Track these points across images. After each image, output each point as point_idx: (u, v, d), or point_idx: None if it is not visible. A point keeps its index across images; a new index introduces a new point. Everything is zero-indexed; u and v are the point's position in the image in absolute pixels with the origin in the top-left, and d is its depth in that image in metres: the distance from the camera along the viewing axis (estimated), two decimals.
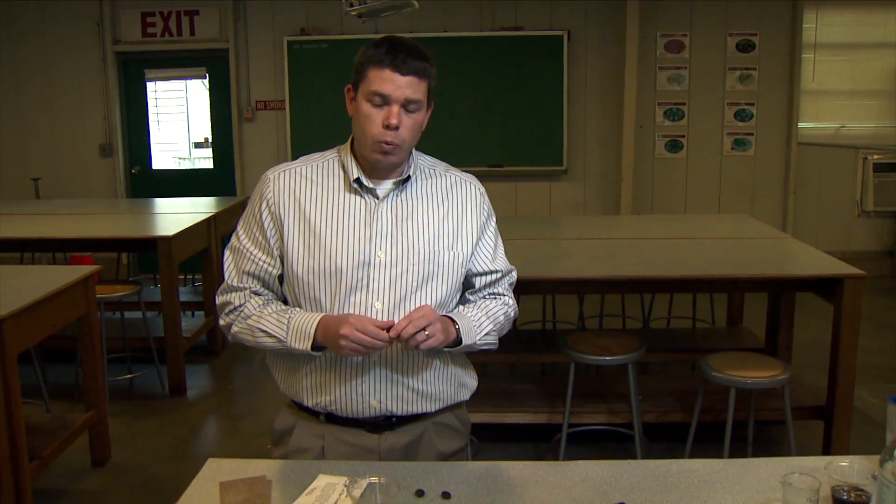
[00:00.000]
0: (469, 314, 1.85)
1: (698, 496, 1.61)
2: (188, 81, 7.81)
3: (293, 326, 1.76)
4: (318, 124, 7.33)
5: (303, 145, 7.32)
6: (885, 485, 1.33)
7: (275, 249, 1.83)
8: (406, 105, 1.74)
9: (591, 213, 7.53)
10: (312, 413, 1.89)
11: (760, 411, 3.76)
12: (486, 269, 1.92)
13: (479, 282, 1.93)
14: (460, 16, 7.25)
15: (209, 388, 5.04)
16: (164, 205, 6.07)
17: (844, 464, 1.59)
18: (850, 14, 7.41)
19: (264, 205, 1.84)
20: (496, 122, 7.32)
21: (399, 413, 1.84)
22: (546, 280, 3.66)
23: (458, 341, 1.78)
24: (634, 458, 3.52)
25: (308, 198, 1.82)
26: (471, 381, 1.99)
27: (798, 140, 7.46)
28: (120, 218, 5.75)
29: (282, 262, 1.85)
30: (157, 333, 4.96)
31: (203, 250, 5.31)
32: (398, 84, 1.72)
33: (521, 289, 3.82)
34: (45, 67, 7.53)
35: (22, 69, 7.55)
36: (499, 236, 1.98)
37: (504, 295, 1.97)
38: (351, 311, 1.76)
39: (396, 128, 1.73)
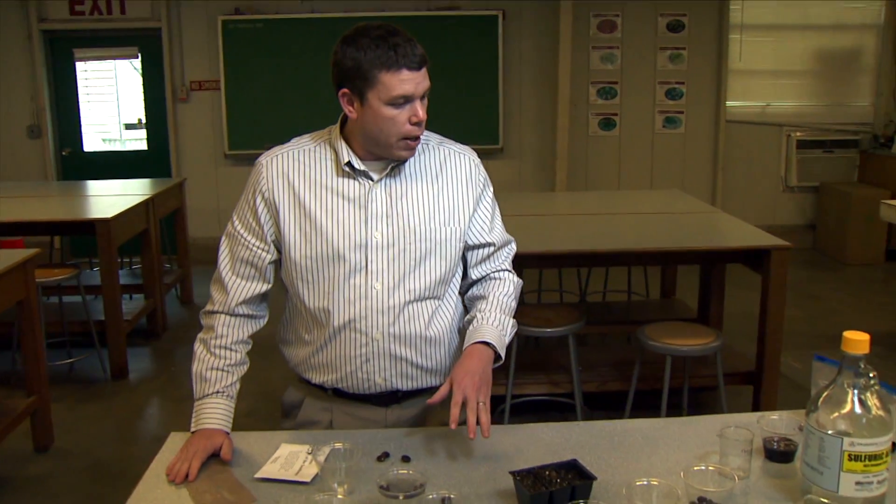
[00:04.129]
0: (491, 321, 1.85)
1: (643, 452, 1.72)
2: (118, 61, 7.65)
3: (197, 408, 1.82)
4: (255, 104, 7.27)
5: (239, 126, 7.27)
6: (811, 432, 1.44)
7: (268, 236, 1.84)
8: (423, 94, 1.75)
9: (527, 190, 7.64)
10: (320, 388, 1.92)
11: (694, 378, 3.93)
12: (483, 241, 1.92)
13: (477, 255, 1.94)
14: None
15: (151, 371, 5.02)
16: (98, 187, 5.97)
17: (774, 417, 1.71)
18: None
19: (258, 191, 1.83)
20: (432, 100, 7.11)
21: (404, 388, 1.88)
22: None
23: (498, 357, 1.82)
24: None
25: (301, 183, 1.81)
26: None
27: (726, 118, 7.71)
28: (52, 201, 5.65)
29: (277, 248, 1.86)
30: (96, 317, 4.90)
31: (142, 232, 5.25)
32: (417, 81, 1.70)
33: None
34: None
35: None
36: (496, 207, 1.98)
37: (506, 270, 1.98)
38: (351, 293, 1.79)
39: (424, 119, 1.74)
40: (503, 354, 1.83)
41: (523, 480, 1.49)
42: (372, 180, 1.81)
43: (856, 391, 1.41)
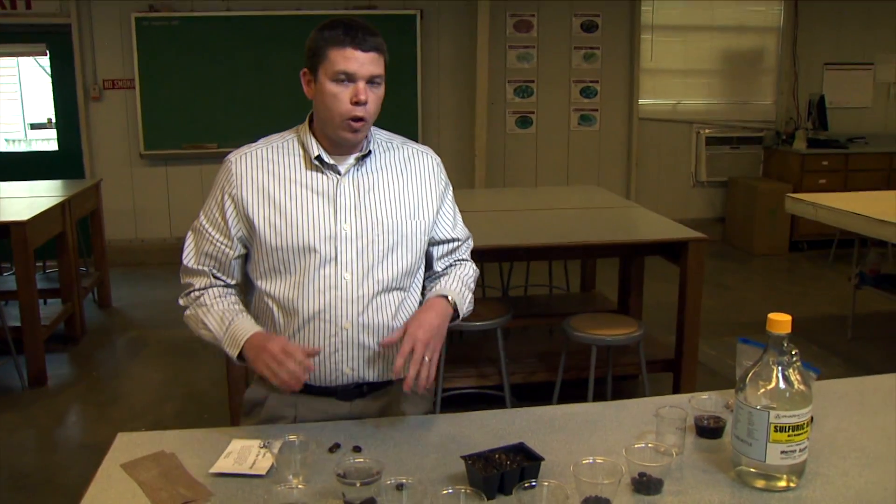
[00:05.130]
0: (452, 286, 1.96)
1: (584, 434, 1.80)
2: (22, 59, 7.39)
3: (230, 331, 1.82)
4: (170, 103, 7.13)
5: (155, 124, 7.12)
6: (740, 407, 1.55)
7: (233, 233, 1.87)
8: (370, 80, 1.80)
9: None
10: None
11: (617, 367, 4.06)
12: (448, 237, 2.03)
13: (441, 249, 2.04)
14: None
15: (72, 377, 4.89)
16: (6, 189, 5.75)
17: (704, 397, 1.82)
18: None
19: (226, 189, 1.87)
20: None
21: (371, 380, 1.92)
22: None
23: (456, 315, 1.91)
24: None
25: (270, 178, 1.86)
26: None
27: (639, 115, 7.95)
28: None
29: (243, 245, 1.90)
30: (11, 323, 4.75)
31: (58, 235, 5.11)
32: (361, 61, 1.78)
33: None
34: None
35: None
36: (456, 206, 2.08)
37: (467, 261, 2.10)
38: (321, 284, 1.83)
39: (365, 103, 1.79)
40: (461, 312, 1.93)
41: (475, 464, 1.56)
42: (339, 174, 1.87)
43: (780, 368, 1.53)
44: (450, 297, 1.90)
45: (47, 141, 7.51)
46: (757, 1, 8.04)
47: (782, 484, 1.54)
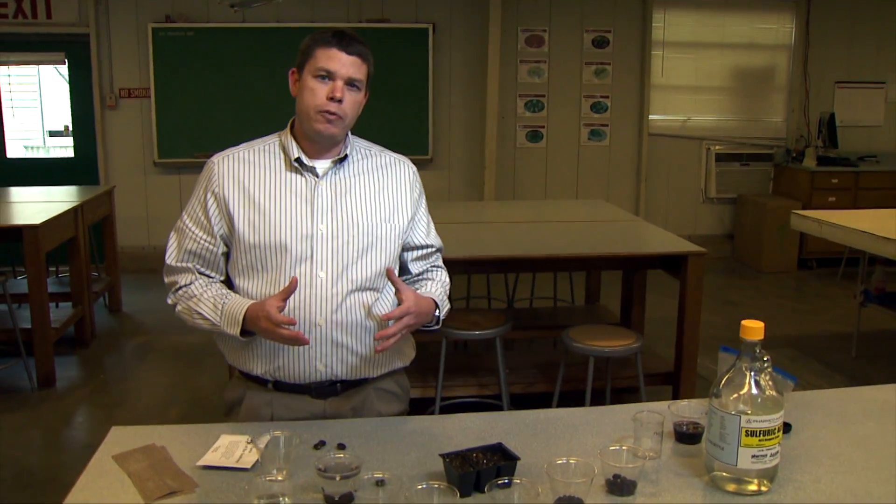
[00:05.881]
0: (436, 292, 2.05)
1: (563, 437, 1.84)
2: (42, 67, 7.53)
3: (226, 312, 1.89)
4: (185, 113, 7.24)
5: (169, 134, 7.23)
6: (714, 412, 1.59)
7: (216, 229, 1.95)
8: (349, 82, 1.89)
9: (455, 200, 7.79)
10: (260, 382, 2.01)
11: (616, 379, 4.09)
12: (422, 243, 2.12)
13: (415, 254, 2.12)
14: (328, 7, 7.33)
15: (79, 379, 4.96)
16: (22, 194, 5.87)
17: (683, 403, 1.86)
18: (693, 16, 7.98)
19: (209, 188, 1.96)
20: (363, 111, 7.39)
21: (343, 377, 1.98)
22: None
23: (437, 318, 1.99)
24: None
25: (251, 179, 1.95)
26: (410, 349, 2.16)
27: (648, 131, 7.99)
28: None
29: (225, 243, 1.97)
30: (22, 325, 4.83)
31: (70, 240, 5.20)
32: (343, 62, 1.88)
33: None
34: None
35: None
36: (430, 215, 2.17)
37: (442, 268, 2.19)
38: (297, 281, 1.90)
39: (340, 100, 1.88)
40: (442, 317, 2.03)
41: (452, 462, 1.60)
42: (317, 176, 1.95)
43: (752, 374, 1.56)
44: (437, 300, 1.99)
45: (64, 148, 7.63)
46: (768, 18, 8.08)
47: (753, 488, 1.57)
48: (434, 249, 2.16)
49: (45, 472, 3.78)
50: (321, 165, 1.97)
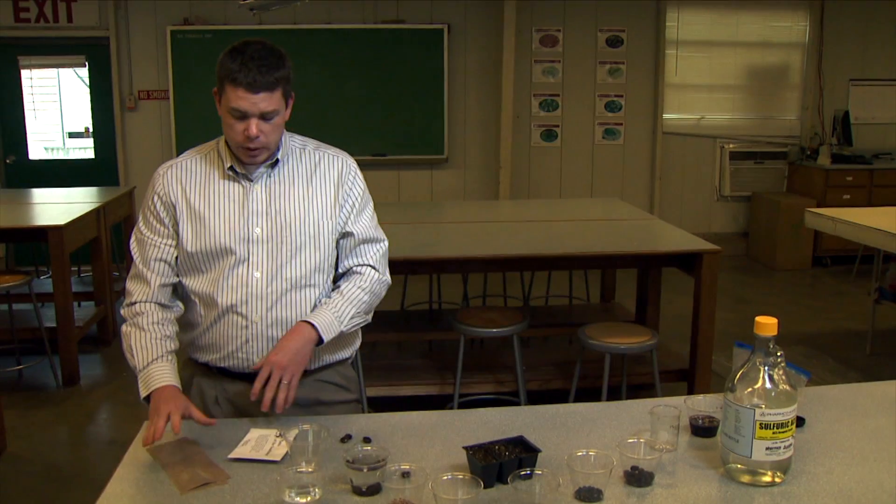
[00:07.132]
0: (332, 305, 2.04)
1: (582, 430, 1.89)
2: (62, 70, 7.63)
3: (146, 373, 1.96)
4: (203, 114, 7.29)
5: (188, 134, 7.30)
6: (729, 405, 1.64)
7: (171, 231, 2.05)
8: (263, 116, 1.93)
9: (471, 199, 7.84)
10: (208, 367, 2.13)
11: (632, 376, 4.14)
12: (344, 231, 2.10)
13: (342, 246, 2.12)
14: (343, 9, 7.38)
15: (103, 377, 5.05)
16: (45, 195, 5.97)
17: (700, 398, 1.91)
18: (707, 14, 8.00)
19: (156, 197, 2.06)
20: (379, 112, 7.52)
21: None
22: (431, 260, 3.91)
23: (321, 339, 1.99)
24: None
25: (192, 187, 2.04)
26: (351, 341, 2.21)
27: (663, 130, 8.01)
28: None
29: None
30: (47, 324, 4.92)
31: (93, 240, 5.29)
32: (252, 101, 1.90)
33: (408, 269, 4.07)
34: None
35: None
36: (368, 204, 2.16)
37: (370, 266, 2.14)
38: (234, 281, 2.00)
39: (257, 137, 1.93)
40: (325, 338, 2.00)
41: (475, 454, 1.66)
42: (251, 181, 2.04)
43: (766, 368, 1.61)
44: (315, 323, 1.98)
45: (84, 149, 7.74)
46: (782, 16, 8.08)
47: (767, 479, 1.62)
48: (357, 240, 2.11)
49: (71, 467, 3.87)
50: (254, 171, 2.04)
